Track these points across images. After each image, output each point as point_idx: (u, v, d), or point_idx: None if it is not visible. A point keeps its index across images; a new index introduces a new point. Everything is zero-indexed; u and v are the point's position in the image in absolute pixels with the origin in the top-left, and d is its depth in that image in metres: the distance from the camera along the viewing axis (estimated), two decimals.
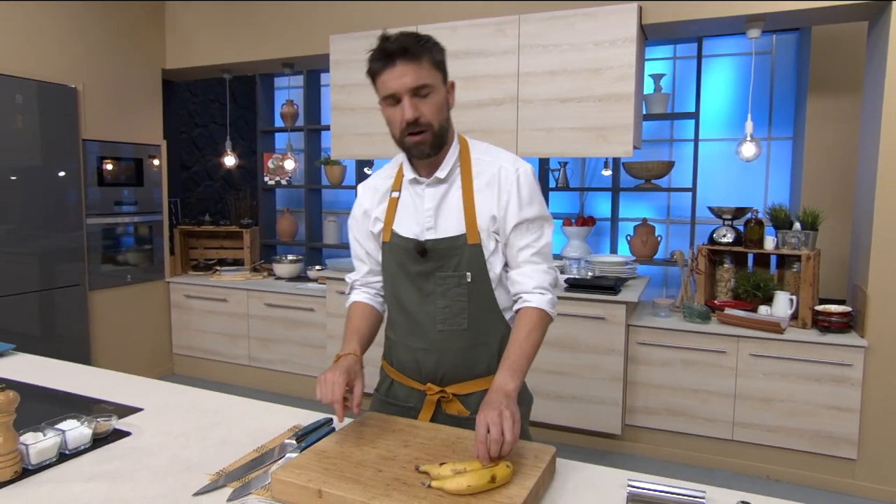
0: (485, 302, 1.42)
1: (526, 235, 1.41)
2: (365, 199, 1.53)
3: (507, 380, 1.27)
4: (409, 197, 1.45)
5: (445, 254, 1.39)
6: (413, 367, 1.48)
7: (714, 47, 4.18)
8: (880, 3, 2.75)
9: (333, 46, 3.70)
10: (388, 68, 1.29)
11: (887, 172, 2.74)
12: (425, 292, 1.42)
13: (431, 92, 1.31)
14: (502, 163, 1.41)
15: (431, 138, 1.33)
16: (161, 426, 1.47)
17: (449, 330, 1.42)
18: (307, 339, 4.00)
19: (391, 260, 1.47)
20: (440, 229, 1.40)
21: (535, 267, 1.40)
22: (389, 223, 1.46)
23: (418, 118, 1.30)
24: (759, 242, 3.13)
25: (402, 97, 1.29)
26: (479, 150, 1.44)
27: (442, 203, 1.41)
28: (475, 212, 1.39)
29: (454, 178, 1.42)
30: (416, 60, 1.28)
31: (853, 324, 2.94)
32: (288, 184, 5.17)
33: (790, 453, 2.97)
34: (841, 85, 3.62)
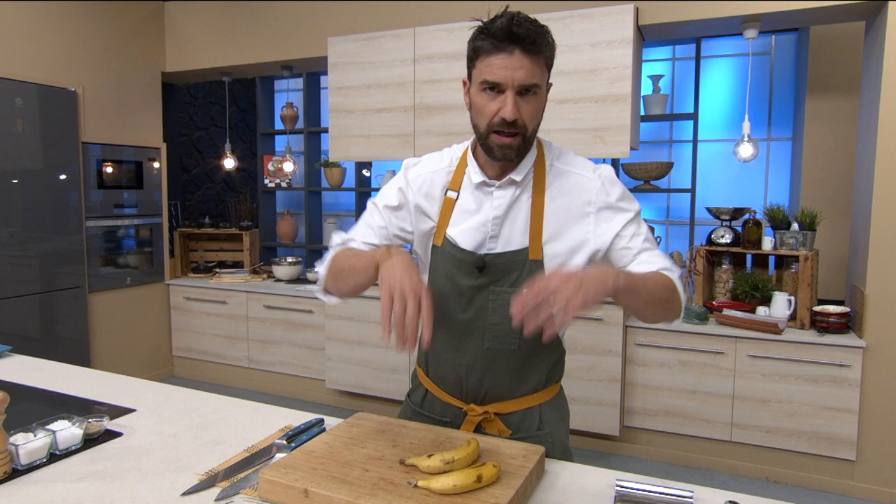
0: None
1: (632, 229, 1.27)
2: (414, 183, 1.35)
3: (612, 272, 1.06)
4: (470, 201, 1.30)
5: (504, 269, 1.26)
6: (454, 384, 1.37)
7: (713, 48, 4.18)
8: (877, 3, 2.74)
9: (331, 49, 3.71)
10: (501, 53, 1.12)
11: (884, 173, 2.73)
12: (475, 306, 1.29)
13: (538, 93, 1.17)
14: (582, 172, 1.29)
15: (522, 143, 1.20)
16: (153, 426, 1.48)
17: (498, 348, 1.30)
18: (306, 341, 4.00)
19: (440, 269, 1.33)
20: (502, 241, 1.27)
21: (650, 253, 1.26)
22: (444, 226, 1.31)
23: (517, 119, 1.16)
24: (756, 243, 3.12)
25: (507, 91, 1.14)
26: (553, 156, 1.31)
27: (510, 210, 1.27)
28: (542, 225, 1.26)
29: (527, 182, 1.28)
30: (536, 55, 1.13)
31: (851, 324, 2.93)
32: (288, 186, 5.18)
33: (789, 454, 2.96)
34: (839, 85, 3.61)
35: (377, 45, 3.55)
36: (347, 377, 3.79)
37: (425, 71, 3.46)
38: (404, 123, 3.57)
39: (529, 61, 1.12)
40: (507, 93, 1.14)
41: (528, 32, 1.11)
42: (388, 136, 3.62)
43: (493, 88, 1.16)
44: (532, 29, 1.12)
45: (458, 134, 3.40)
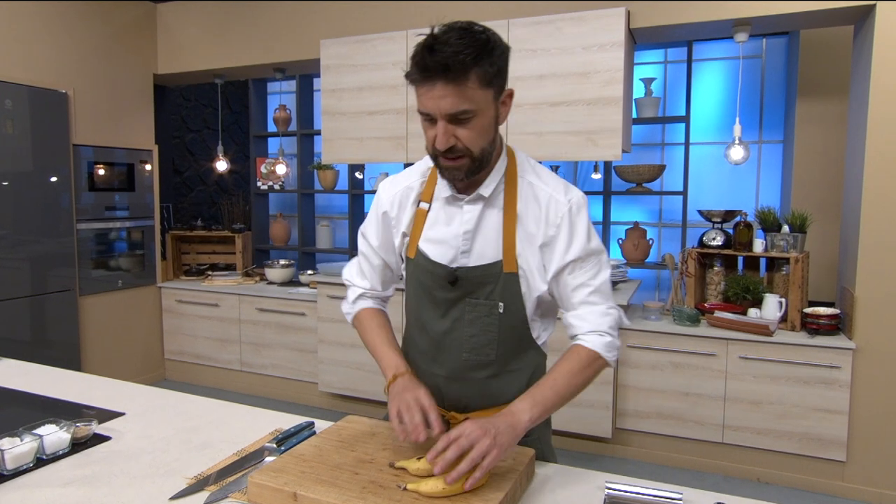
0: (517, 333, 1.30)
1: (580, 274, 1.25)
2: (386, 201, 1.37)
3: (524, 409, 1.14)
4: (441, 212, 1.30)
5: (478, 281, 1.26)
6: (436, 394, 1.34)
7: (704, 51, 4.20)
8: (865, 7, 2.76)
9: (324, 51, 3.71)
10: (425, 84, 1.10)
11: (874, 176, 2.75)
12: (451, 318, 1.30)
13: (474, 116, 1.12)
14: (552, 192, 1.26)
15: (469, 164, 1.17)
16: (142, 430, 1.47)
17: (475, 360, 1.30)
18: (299, 343, 3.99)
19: (415, 279, 1.33)
20: (475, 254, 1.26)
21: (591, 308, 1.25)
22: (416, 238, 1.31)
23: (454, 146, 1.14)
24: (748, 245, 3.14)
25: (438, 120, 1.12)
26: (525, 169, 1.29)
27: (480, 224, 1.26)
28: (515, 238, 1.24)
29: (497, 196, 1.26)
30: (461, 81, 1.07)
31: (841, 326, 2.95)
32: (280, 188, 5.17)
33: (780, 456, 2.97)
34: (829, 88, 3.64)
35: (370, 47, 3.56)
36: (340, 380, 3.78)
37: None
38: (397, 126, 3.57)
39: (454, 89, 1.07)
40: (438, 123, 1.12)
41: (445, 60, 1.05)
42: (380, 138, 3.62)
43: (428, 117, 1.14)
44: (452, 53, 1.05)
45: None
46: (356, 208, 4.94)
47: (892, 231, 2.74)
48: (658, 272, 4.43)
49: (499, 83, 1.15)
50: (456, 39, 1.06)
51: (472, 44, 1.07)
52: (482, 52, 1.08)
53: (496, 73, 1.12)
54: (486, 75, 1.10)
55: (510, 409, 1.15)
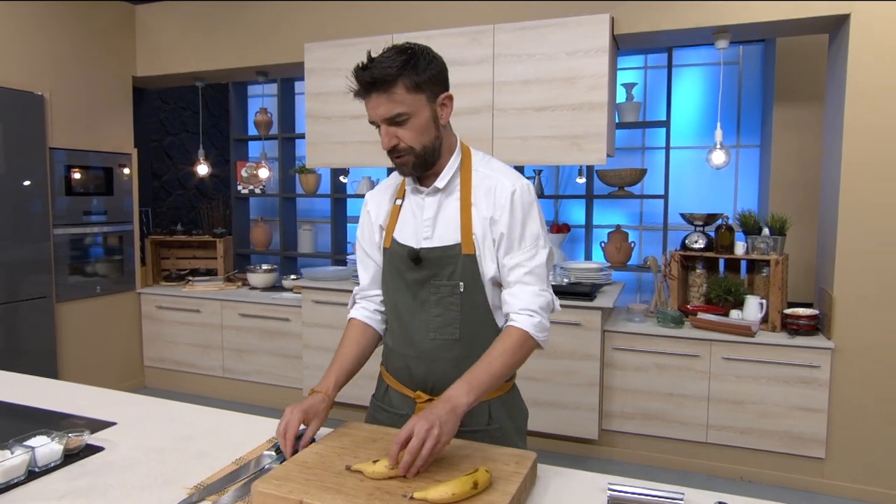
0: (478, 313, 1.41)
1: (517, 254, 1.38)
2: (371, 205, 1.54)
3: (460, 394, 1.23)
4: (410, 205, 1.46)
5: (439, 262, 1.39)
6: (406, 375, 1.48)
7: (683, 57, 4.27)
8: (839, 16, 2.84)
9: (308, 55, 3.69)
10: (365, 97, 1.31)
11: (850, 180, 2.83)
12: (420, 300, 1.43)
13: (410, 117, 1.30)
14: (500, 178, 1.40)
15: (413, 160, 1.34)
16: (136, 440, 1.44)
17: (441, 339, 1.41)
18: (282, 349, 3.95)
19: (390, 266, 1.47)
20: (436, 237, 1.40)
21: (525, 287, 1.37)
22: (391, 230, 1.47)
23: (396, 145, 1.32)
24: (729, 248, 3.20)
25: (380, 126, 1.32)
26: (479, 162, 1.44)
27: (440, 212, 1.41)
28: (471, 222, 1.39)
29: (453, 187, 1.42)
30: (389, 90, 1.27)
31: (820, 326, 3.02)
32: (262, 192, 5.12)
33: (762, 454, 3.03)
34: (805, 95, 3.73)
35: (355, 51, 3.54)
36: None
37: None
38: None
39: (385, 97, 1.28)
40: (381, 127, 1.32)
41: (373, 74, 1.26)
42: (365, 142, 3.61)
43: (375, 124, 1.34)
44: (381, 68, 1.26)
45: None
46: (339, 212, 4.92)
47: (869, 234, 2.82)
48: (639, 275, 4.48)
49: (430, 88, 1.32)
50: (385, 57, 1.28)
51: (397, 59, 1.28)
52: (406, 65, 1.28)
53: (425, 80, 1.30)
54: (413, 83, 1.29)
55: (448, 395, 1.24)
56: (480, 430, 1.40)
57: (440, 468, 1.19)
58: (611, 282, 3.69)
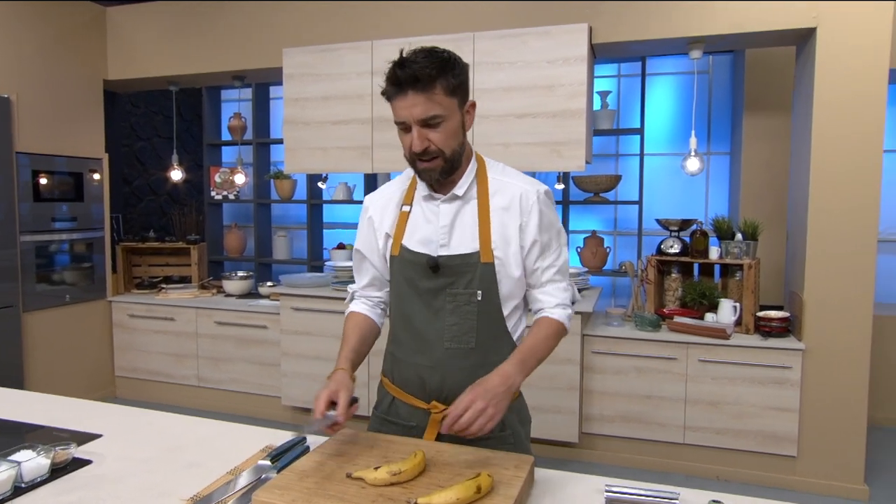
0: (494, 321, 1.41)
1: (547, 256, 1.42)
2: (372, 210, 1.51)
3: (514, 372, 1.29)
4: (421, 212, 1.43)
5: (458, 270, 1.38)
6: (417, 385, 1.45)
7: (655, 66, 4.37)
8: (806, 31, 2.95)
9: (287, 60, 3.66)
10: (398, 96, 1.27)
11: (818, 187, 2.93)
12: (434, 309, 1.41)
13: (443, 121, 1.29)
14: (523, 185, 1.41)
15: (442, 164, 1.33)
16: (124, 452, 1.41)
17: (456, 348, 1.40)
18: (260, 357, 3.90)
19: (399, 275, 1.44)
20: (453, 246, 1.39)
21: (556, 285, 1.44)
22: (399, 237, 1.44)
23: (427, 148, 1.30)
24: (704, 252, 3.28)
25: (412, 126, 1.28)
26: (496, 171, 1.44)
27: (457, 220, 1.40)
28: (490, 231, 1.38)
29: (470, 195, 1.41)
30: (429, 90, 1.25)
31: (791, 328, 3.12)
32: (236, 198, 5.05)
33: (737, 454, 3.11)
34: (773, 104, 3.86)
35: (334, 57, 3.53)
36: (304, 393, 3.72)
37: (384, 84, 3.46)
38: (362, 136, 3.56)
39: (424, 97, 1.25)
40: (413, 128, 1.29)
41: (415, 72, 1.23)
42: (345, 148, 3.60)
43: (403, 126, 1.30)
44: (420, 67, 1.24)
45: None
46: (315, 218, 4.88)
47: (837, 239, 2.92)
48: (614, 279, 4.56)
49: (461, 94, 1.33)
50: (422, 58, 1.26)
51: (435, 60, 1.27)
52: (445, 66, 1.27)
53: (458, 84, 1.30)
54: (450, 85, 1.28)
55: (504, 371, 1.29)
56: (495, 437, 1.40)
57: (441, 473, 1.20)
58: (588, 286, 3.74)
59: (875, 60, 2.82)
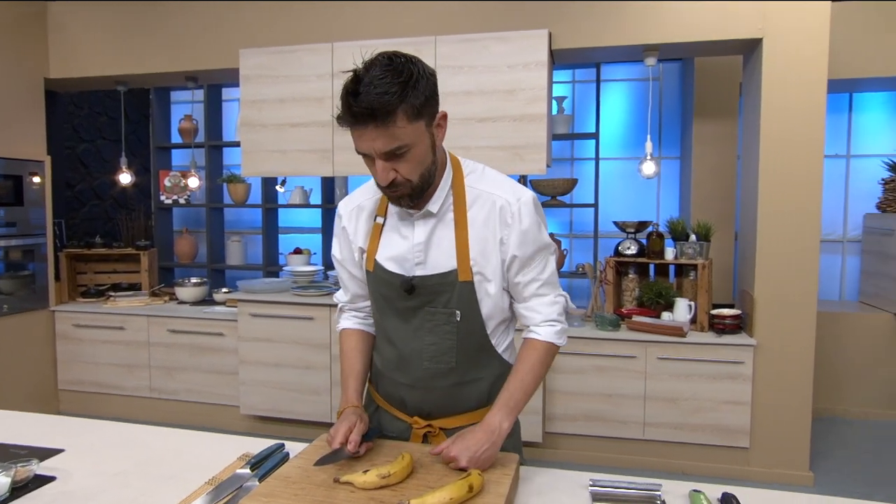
0: (476, 340, 1.35)
1: (530, 270, 1.32)
2: (346, 219, 1.42)
3: (501, 418, 1.26)
4: (395, 225, 1.34)
5: (435, 290, 1.30)
6: (397, 401, 1.42)
7: (608, 73, 4.49)
8: (753, 40, 3.10)
9: (243, 61, 3.58)
10: (357, 128, 1.13)
11: (767, 191, 3.08)
12: (413, 326, 1.34)
13: (409, 149, 1.16)
14: (502, 195, 1.29)
15: (410, 191, 1.22)
16: (92, 467, 1.35)
17: (435, 368, 1.33)
18: (217, 365, 3.78)
19: (376, 290, 1.38)
20: (430, 265, 1.30)
21: (541, 300, 1.34)
22: (373, 252, 1.36)
23: (394, 179, 1.19)
24: (660, 253, 3.39)
25: (375, 159, 1.17)
26: (474, 177, 1.32)
27: (433, 236, 1.31)
28: (468, 247, 1.28)
29: (447, 209, 1.31)
30: (389, 121, 1.10)
31: (743, 325, 3.25)
32: (187, 202, 4.90)
33: (694, 447, 3.22)
34: (720, 110, 4.02)
35: (293, 58, 3.48)
36: (264, 401, 3.63)
37: None
38: (322, 139, 3.51)
39: (384, 130, 1.11)
40: (377, 161, 1.17)
41: (370, 104, 1.08)
42: (305, 151, 3.54)
43: (366, 155, 1.18)
44: (377, 97, 1.08)
45: None
46: (270, 222, 4.78)
47: (785, 239, 3.07)
48: (570, 281, 4.64)
49: (429, 111, 1.17)
50: (379, 79, 1.09)
51: (395, 81, 1.09)
52: (406, 88, 1.10)
53: (423, 103, 1.14)
54: (413, 109, 1.12)
55: (489, 422, 1.24)
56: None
57: (430, 474, 1.19)
58: None
59: (815, 71, 2.98)
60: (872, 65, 3.76)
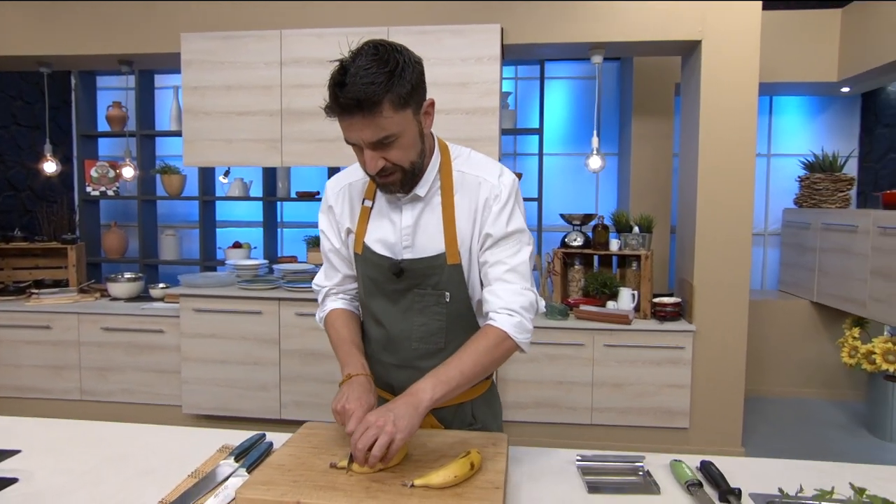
0: (464, 322, 1.35)
1: (498, 252, 1.30)
2: (332, 198, 1.41)
3: (426, 388, 1.16)
4: (383, 209, 1.35)
5: (423, 273, 1.31)
6: (385, 384, 1.42)
7: (549, 71, 4.61)
8: (692, 42, 3.27)
9: (185, 45, 3.42)
10: (344, 119, 1.14)
11: (705, 186, 3.26)
12: (401, 308, 1.35)
13: (397, 138, 1.17)
14: (487, 177, 1.31)
15: (402, 177, 1.23)
16: (56, 465, 1.26)
17: (424, 348, 1.35)
18: (156, 364, 3.60)
19: (364, 273, 1.38)
20: (418, 248, 1.31)
21: (506, 286, 1.28)
22: (361, 234, 1.36)
23: (383, 167, 1.20)
24: (605, 245, 3.52)
25: (364, 149, 1.18)
26: (461, 161, 1.34)
27: (420, 220, 1.32)
28: (455, 230, 1.30)
29: (434, 193, 1.32)
30: (375, 111, 1.11)
31: (682, 312, 3.43)
32: (116, 194, 4.64)
33: (639, 430, 3.37)
34: (657, 109, 4.22)
35: (240, 45, 3.36)
36: (209, 400, 3.49)
37: (294, 75, 3.34)
38: (271, 128, 3.41)
39: (371, 120, 1.12)
40: (365, 151, 1.18)
41: (357, 95, 1.09)
42: (252, 140, 3.43)
43: (355, 144, 1.19)
44: (363, 87, 1.09)
45: (330, 140, 3.34)
46: (207, 216, 4.60)
47: (722, 230, 3.26)
48: None
49: (416, 99, 1.18)
50: (365, 70, 1.10)
51: (381, 71, 1.10)
52: (392, 78, 1.11)
53: (410, 91, 1.15)
54: (400, 99, 1.13)
55: (412, 389, 1.17)
56: (463, 430, 1.39)
57: (426, 456, 1.20)
58: None
59: (749, 73, 3.18)
60: (790, 70, 4.05)
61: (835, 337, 4.09)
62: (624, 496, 1.15)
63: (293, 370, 3.42)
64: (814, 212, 4.12)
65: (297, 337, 3.40)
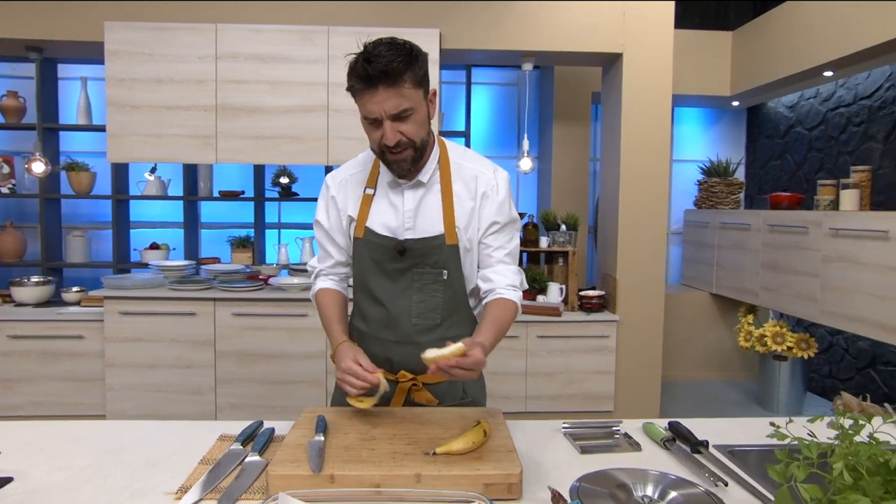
0: (458, 300, 1.47)
1: (500, 237, 1.47)
2: (334, 189, 1.52)
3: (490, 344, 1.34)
4: (385, 196, 1.46)
5: (424, 252, 1.43)
6: (384, 359, 1.48)
7: (474, 76, 4.79)
8: (614, 54, 3.56)
9: (109, 35, 3.24)
10: (368, 91, 1.27)
11: (626, 188, 3.56)
12: (401, 286, 1.45)
13: (413, 112, 1.31)
14: (483, 170, 1.47)
15: (413, 154, 1.35)
16: (48, 463, 1.22)
17: (423, 324, 1.45)
18: (75, 372, 3.38)
19: (365, 255, 1.47)
20: (419, 229, 1.44)
21: (507, 267, 1.47)
22: (363, 219, 1.46)
23: (399, 140, 1.31)
24: (535, 242, 3.73)
25: (383, 121, 1.30)
26: (457, 155, 1.50)
27: (421, 204, 1.44)
28: (454, 214, 1.43)
29: (434, 180, 1.45)
30: (398, 84, 1.26)
31: (606, 304, 3.71)
32: (11, 192, 4.27)
33: (570, 415, 3.59)
34: (576, 115, 4.51)
35: (170, 37, 3.23)
36: (137, 406, 3.32)
37: (229, 70, 3.27)
38: (204, 124, 3.31)
39: (394, 92, 1.27)
40: (384, 123, 1.30)
41: (384, 67, 1.24)
42: (184, 136, 3.31)
43: (373, 120, 1.32)
44: (388, 61, 1.25)
45: (266, 137, 3.30)
46: (121, 216, 4.34)
47: (641, 229, 3.57)
48: None
49: (426, 85, 1.37)
50: (387, 51, 1.27)
51: (401, 53, 1.29)
52: (410, 58, 1.30)
53: (423, 75, 1.34)
54: (416, 77, 1.32)
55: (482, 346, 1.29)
56: (456, 404, 1.50)
57: (435, 429, 1.28)
58: None
59: (664, 84, 3.51)
60: (690, 84, 4.49)
61: (731, 324, 4.57)
62: (613, 454, 1.30)
63: (229, 372, 3.34)
64: (711, 212, 4.58)
65: (233, 338, 3.32)
